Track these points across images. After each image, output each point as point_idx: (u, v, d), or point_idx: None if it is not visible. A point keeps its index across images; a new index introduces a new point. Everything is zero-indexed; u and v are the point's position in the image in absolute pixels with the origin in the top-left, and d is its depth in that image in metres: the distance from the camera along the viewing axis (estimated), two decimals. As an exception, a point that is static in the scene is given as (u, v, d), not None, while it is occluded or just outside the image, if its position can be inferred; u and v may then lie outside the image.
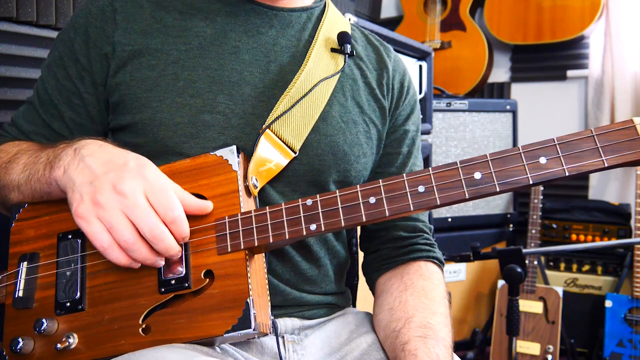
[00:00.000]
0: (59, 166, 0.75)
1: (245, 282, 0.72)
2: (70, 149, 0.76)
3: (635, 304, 2.32)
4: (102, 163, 0.72)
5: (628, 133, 0.64)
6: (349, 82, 0.96)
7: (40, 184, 0.79)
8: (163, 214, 0.70)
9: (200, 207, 0.75)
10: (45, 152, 0.81)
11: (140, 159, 0.74)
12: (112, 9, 0.88)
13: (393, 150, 1.02)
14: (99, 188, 0.69)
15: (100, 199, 0.68)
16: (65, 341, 0.75)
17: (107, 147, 0.76)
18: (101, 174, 0.70)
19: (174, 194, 0.71)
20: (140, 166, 0.72)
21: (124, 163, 0.72)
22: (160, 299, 0.74)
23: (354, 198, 0.71)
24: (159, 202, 0.70)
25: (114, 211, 0.68)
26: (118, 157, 0.73)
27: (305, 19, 0.97)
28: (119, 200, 0.68)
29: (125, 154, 0.74)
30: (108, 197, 0.68)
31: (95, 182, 0.70)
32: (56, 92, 0.91)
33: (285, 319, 0.90)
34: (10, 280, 0.82)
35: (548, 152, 0.66)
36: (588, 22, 2.73)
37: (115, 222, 0.68)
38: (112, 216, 0.68)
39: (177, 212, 0.70)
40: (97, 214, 0.68)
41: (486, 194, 0.67)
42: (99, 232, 0.68)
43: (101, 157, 0.73)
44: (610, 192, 2.90)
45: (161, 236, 0.69)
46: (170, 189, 0.72)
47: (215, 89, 0.86)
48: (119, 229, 0.68)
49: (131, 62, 0.86)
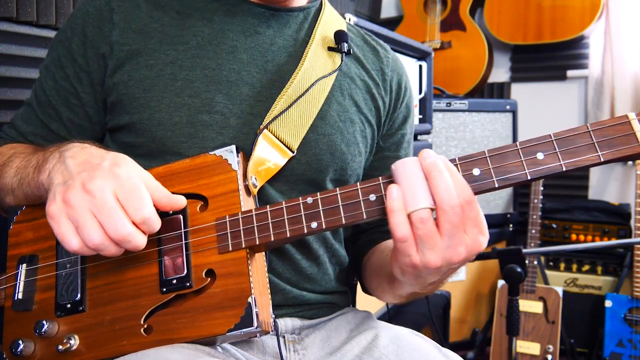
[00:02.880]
0: (45, 169, 0.74)
1: (247, 281, 0.72)
2: (57, 152, 0.75)
3: (635, 304, 2.32)
4: (79, 163, 0.71)
5: (623, 128, 0.65)
6: (347, 81, 0.97)
7: (31, 188, 0.79)
8: (132, 214, 0.67)
9: (172, 203, 0.73)
10: (35, 156, 0.80)
11: (117, 157, 0.72)
12: (109, 8, 0.88)
13: (391, 154, 1.03)
14: (70, 187, 0.67)
15: (70, 198, 0.66)
16: (67, 343, 0.75)
17: (89, 149, 0.74)
18: (75, 173, 0.69)
19: (145, 193, 0.69)
20: (114, 164, 0.70)
21: (99, 163, 0.70)
22: (161, 299, 0.74)
23: (354, 196, 0.71)
24: (129, 201, 0.67)
25: (82, 210, 0.66)
26: (95, 157, 0.71)
27: (302, 18, 0.97)
28: (88, 200, 0.66)
29: (104, 153, 0.72)
30: (77, 196, 0.66)
31: (68, 181, 0.69)
32: (54, 93, 0.91)
33: (285, 319, 0.90)
34: (9, 282, 0.82)
35: (545, 147, 0.66)
36: (588, 22, 2.73)
37: (83, 222, 0.66)
38: (80, 215, 0.66)
39: (146, 212, 0.68)
40: (66, 213, 0.67)
41: (485, 190, 0.68)
42: (67, 234, 0.66)
43: (80, 158, 0.72)
44: (610, 192, 2.90)
45: (128, 237, 0.66)
46: (141, 187, 0.69)
47: (213, 88, 0.86)
48: (86, 229, 0.66)
49: (129, 62, 0.86)
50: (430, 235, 0.64)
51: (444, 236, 0.64)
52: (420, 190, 0.64)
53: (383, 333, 0.89)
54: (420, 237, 0.64)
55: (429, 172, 0.64)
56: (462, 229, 0.64)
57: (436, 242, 0.64)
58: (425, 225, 0.64)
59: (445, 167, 0.65)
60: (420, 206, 0.64)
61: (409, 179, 0.65)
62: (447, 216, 0.63)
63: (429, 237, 0.64)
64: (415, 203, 0.64)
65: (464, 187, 0.65)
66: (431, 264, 0.65)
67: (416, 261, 0.66)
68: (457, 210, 0.63)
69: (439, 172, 0.64)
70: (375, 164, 1.03)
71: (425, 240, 0.64)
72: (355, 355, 0.87)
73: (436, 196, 0.63)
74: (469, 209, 0.64)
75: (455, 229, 0.64)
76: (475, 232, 0.65)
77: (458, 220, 0.64)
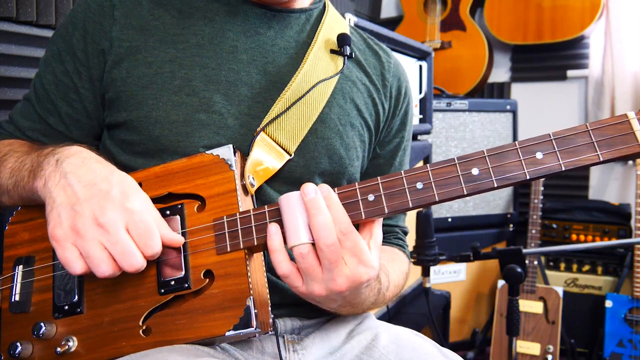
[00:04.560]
0: (40, 176, 0.74)
1: (245, 282, 0.72)
2: (52, 158, 0.75)
3: (635, 304, 2.32)
4: (85, 185, 0.71)
5: (622, 127, 0.64)
6: (349, 84, 0.96)
7: (25, 191, 0.79)
8: (144, 250, 0.70)
9: (172, 241, 0.74)
10: (30, 158, 0.80)
11: (125, 184, 0.73)
12: (111, 4, 0.88)
13: (386, 162, 1.03)
14: (80, 215, 0.68)
15: (80, 228, 0.68)
16: (65, 345, 0.75)
17: (91, 163, 0.74)
18: (83, 199, 0.69)
19: (155, 230, 0.71)
20: (124, 195, 0.71)
21: (108, 190, 0.70)
22: (160, 300, 0.74)
23: (353, 196, 0.71)
24: (141, 238, 0.70)
25: (93, 242, 0.68)
26: (102, 181, 0.71)
27: (303, 20, 0.97)
28: (100, 233, 0.68)
29: (109, 176, 0.73)
30: (88, 227, 0.68)
31: (76, 206, 0.69)
32: (53, 87, 0.90)
33: (285, 319, 0.90)
34: (5, 284, 0.82)
35: (544, 147, 0.66)
36: (588, 22, 2.73)
37: (94, 254, 0.68)
38: (91, 248, 0.68)
39: (157, 249, 0.71)
40: (74, 241, 0.68)
41: (484, 190, 0.67)
42: (72, 260, 0.68)
43: (84, 177, 0.71)
44: (610, 192, 2.89)
45: (140, 269, 0.70)
46: (152, 223, 0.71)
47: (211, 88, 0.85)
48: (96, 260, 0.68)
49: (128, 58, 0.86)
50: (312, 269, 0.68)
51: (324, 269, 0.68)
52: (301, 226, 0.68)
53: (383, 333, 0.89)
54: (303, 270, 0.69)
55: (308, 210, 0.68)
56: (340, 262, 0.68)
57: (318, 275, 0.68)
58: (306, 260, 0.68)
59: (327, 198, 0.68)
60: (300, 242, 0.67)
61: (291, 215, 0.69)
62: (324, 253, 0.67)
63: (310, 270, 0.68)
64: (297, 238, 0.68)
65: (342, 219, 0.68)
66: (316, 294, 0.70)
67: (303, 291, 0.70)
68: (333, 248, 0.67)
69: (317, 210, 0.67)
70: (370, 170, 1.03)
71: (307, 273, 0.69)
72: (355, 355, 0.87)
73: (314, 234, 0.67)
74: (345, 239, 0.68)
75: (333, 264, 0.67)
76: (354, 263, 0.68)
77: (335, 257, 0.67)
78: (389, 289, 0.89)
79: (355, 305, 0.80)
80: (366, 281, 0.70)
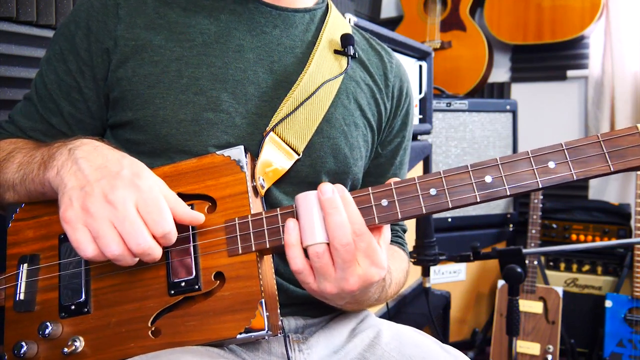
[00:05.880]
0: (52, 166, 0.73)
1: (257, 284, 0.71)
2: (64, 149, 0.74)
3: (635, 304, 2.33)
4: (96, 168, 0.70)
5: (633, 139, 0.66)
6: (352, 85, 0.96)
7: (35, 184, 0.77)
8: (153, 228, 0.67)
9: (192, 219, 0.73)
10: (40, 151, 0.79)
11: (136, 165, 0.72)
12: (115, 3, 0.87)
13: (386, 161, 1.04)
14: (89, 194, 0.67)
15: (90, 207, 0.66)
16: (72, 345, 0.74)
17: (103, 149, 0.73)
18: (93, 180, 0.68)
19: (166, 207, 0.69)
20: (134, 174, 0.70)
21: (118, 171, 0.69)
22: (169, 302, 0.73)
23: (367, 200, 0.71)
24: (150, 215, 0.67)
25: (103, 221, 0.66)
26: (113, 163, 0.71)
27: (308, 20, 0.97)
28: (109, 210, 0.66)
29: (120, 158, 0.72)
30: (98, 205, 0.66)
31: (86, 187, 0.68)
32: (56, 87, 0.90)
33: (289, 319, 0.90)
34: (9, 282, 0.81)
35: (556, 156, 0.67)
36: (588, 22, 2.73)
37: (103, 233, 0.66)
38: (101, 226, 0.66)
39: (167, 226, 0.68)
40: (84, 221, 0.66)
41: (496, 197, 0.68)
42: (83, 241, 0.66)
43: (95, 161, 0.71)
44: (610, 192, 2.90)
45: (148, 250, 0.67)
46: (162, 201, 0.69)
47: (219, 86, 0.85)
48: (106, 240, 0.66)
49: (133, 57, 0.85)
50: (325, 268, 0.69)
51: (337, 269, 0.69)
52: (317, 225, 0.68)
53: (385, 330, 0.90)
54: (317, 269, 0.69)
55: (325, 209, 0.68)
56: (354, 262, 0.68)
57: (331, 274, 0.69)
58: (321, 259, 0.68)
59: (342, 198, 0.69)
60: (316, 241, 0.68)
61: (308, 214, 0.69)
62: (339, 253, 0.67)
63: (324, 269, 0.69)
64: (312, 238, 0.68)
65: (356, 220, 0.69)
66: (327, 292, 0.70)
67: (315, 288, 0.71)
68: (348, 248, 0.67)
69: (334, 210, 0.68)
70: (371, 170, 1.03)
71: (321, 272, 0.69)
72: (358, 353, 0.87)
73: (330, 233, 0.68)
74: (359, 240, 0.68)
75: (347, 264, 0.68)
76: (367, 263, 0.69)
77: (349, 257, 0.68)
78: (390, 286, 0.90)
79: (361, 302, 0.81)
80: (377, 281, 0.70)
